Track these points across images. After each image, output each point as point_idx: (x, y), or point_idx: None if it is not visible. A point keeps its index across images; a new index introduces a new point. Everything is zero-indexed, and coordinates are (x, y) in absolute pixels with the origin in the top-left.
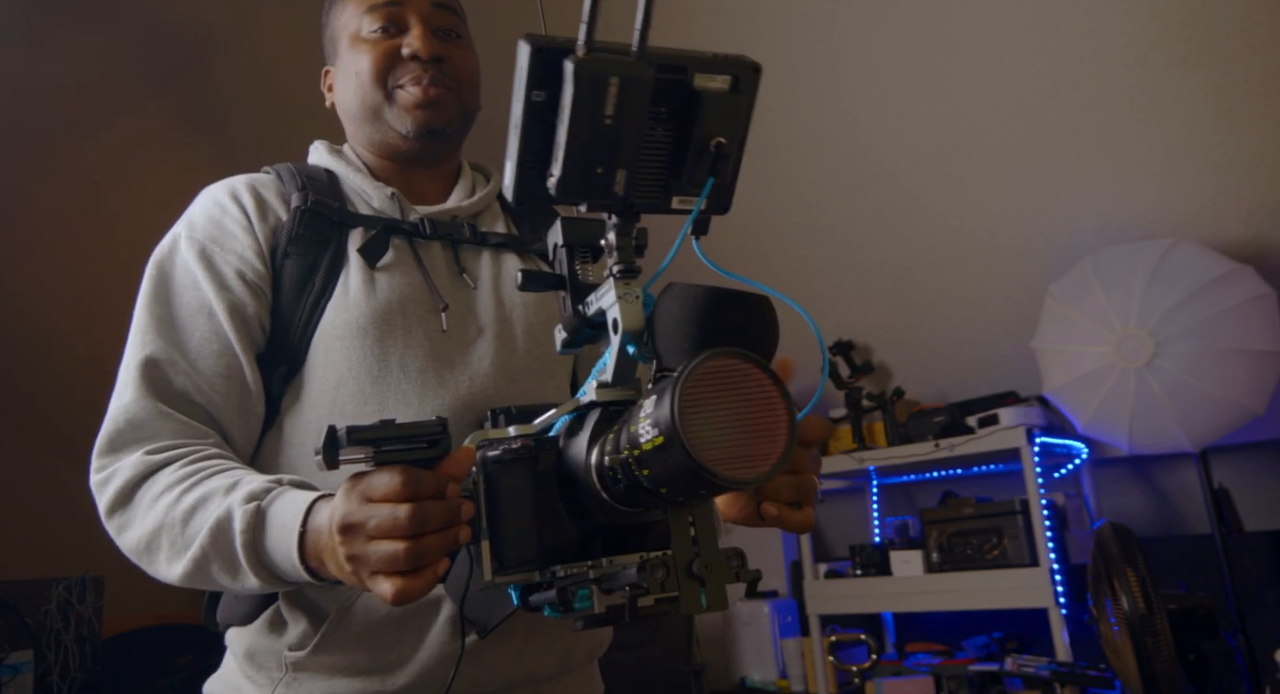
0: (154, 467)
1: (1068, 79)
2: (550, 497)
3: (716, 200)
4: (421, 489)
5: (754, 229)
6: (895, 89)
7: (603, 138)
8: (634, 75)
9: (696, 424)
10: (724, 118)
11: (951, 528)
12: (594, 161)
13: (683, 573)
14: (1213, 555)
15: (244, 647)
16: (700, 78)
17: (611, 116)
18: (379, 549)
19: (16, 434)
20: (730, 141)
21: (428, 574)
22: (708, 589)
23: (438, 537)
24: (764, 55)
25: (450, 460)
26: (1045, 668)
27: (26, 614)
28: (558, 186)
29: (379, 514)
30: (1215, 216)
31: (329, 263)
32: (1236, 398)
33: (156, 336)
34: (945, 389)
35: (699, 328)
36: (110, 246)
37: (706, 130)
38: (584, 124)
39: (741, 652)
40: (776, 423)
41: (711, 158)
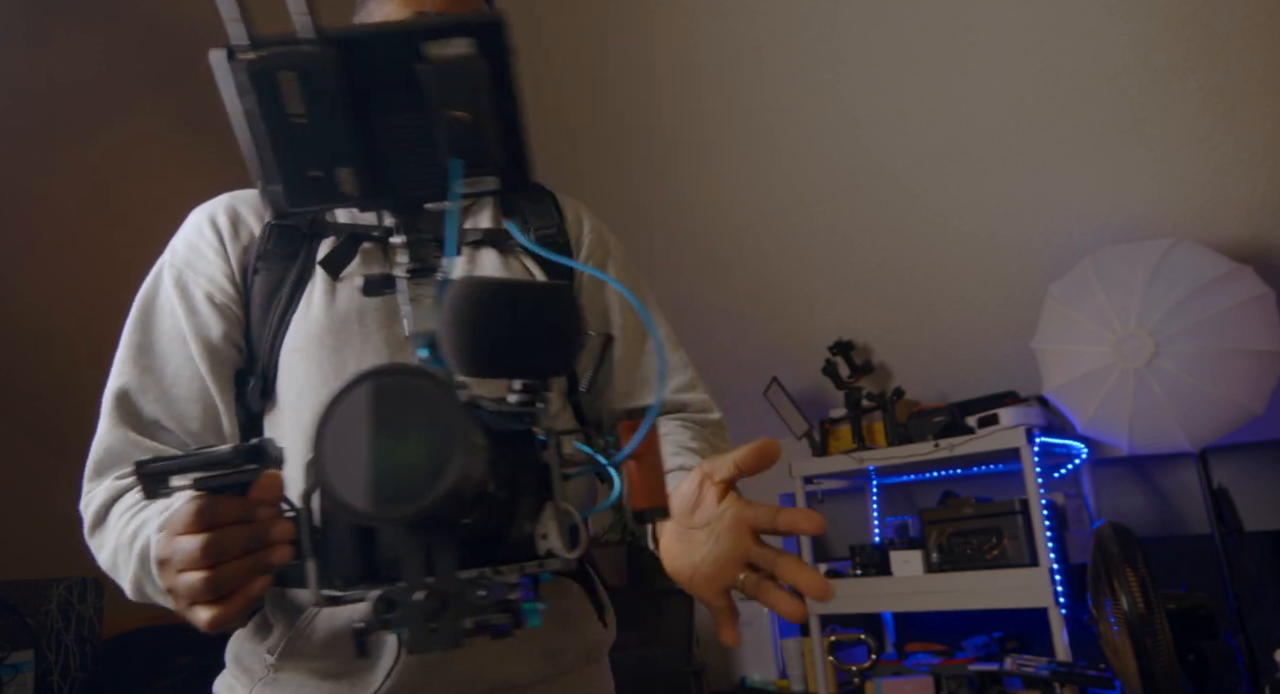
0: (121, 491)
1: (1068, 79)
2: None
3: (510, 176)
4: (216, 516)
5: (754, 229)
6: (895, 89)
7: (303, 139)
8: (312, 65)
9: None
10: (459, 86)
11: (951, 528)
12: (304, 166)
13: (412, 606)
14: (1213, 555)
15: (234, 649)
16: (433, 48)
17: (302, 115)
18: (183, 581)
19: (17, 434)
20: (478, 113)
21: (236, 599)
22: (440, 625)
23: (240, 562)
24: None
25: (256, 485)
26: (1045, 668)
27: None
28: (283, 197)
29: (179, 548)
30: (1215, 216)
31: (296, 276)
32: (1236, 398)
33: (132, 365)
34: (945, 389)
35: (461, 330)
36: (110, 247)
37: (442, 105)
38: (275, 129)
39: (741, 652)
40: (449, 447)
41: (454, 136)
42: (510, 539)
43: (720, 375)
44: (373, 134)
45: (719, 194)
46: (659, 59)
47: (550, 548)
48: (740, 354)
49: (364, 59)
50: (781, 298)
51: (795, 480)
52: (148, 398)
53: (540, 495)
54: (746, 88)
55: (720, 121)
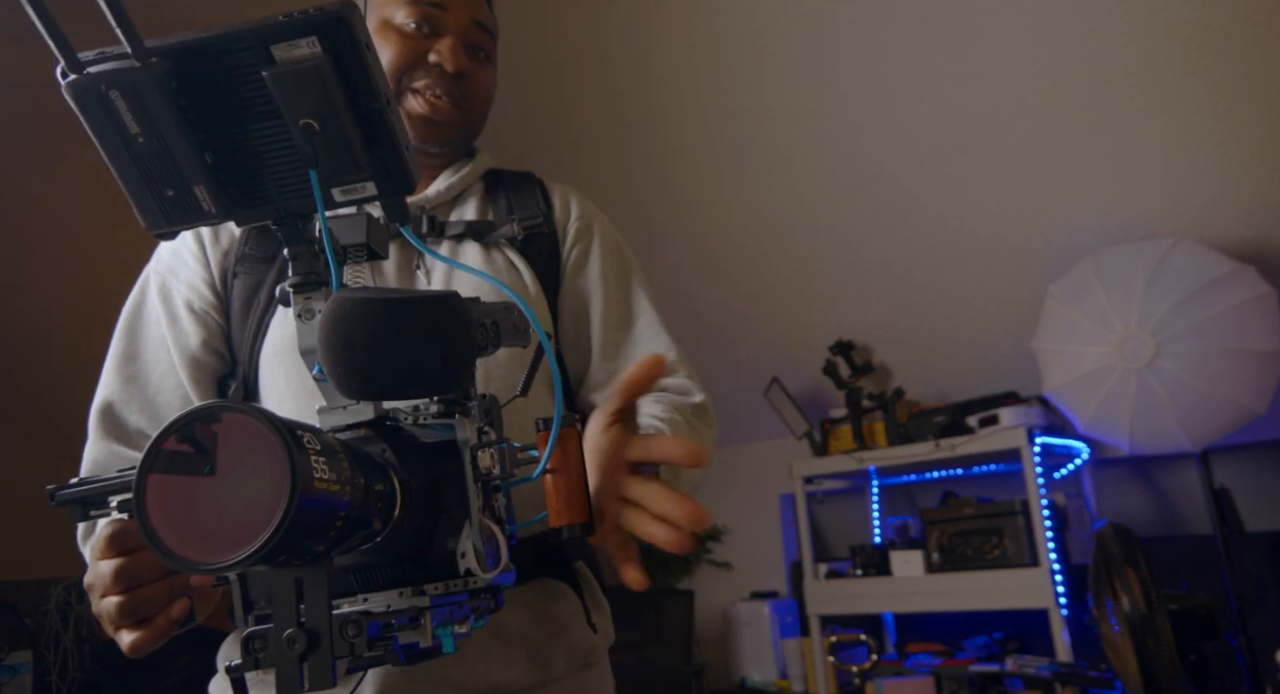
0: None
1: (1068, 79)
2: None
3: (390, 183)
4: (133, 541)
5: (754, 229)
6: (895, 89)
7: (148, 158)
8: (138, 81)
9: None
10: (303, 92)
11: (952, 528)
12: (157, 186)
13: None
14: (1213, 556)
15: (223, 653)
16: (279, 50)
17: (141, 133)
18: (104, 606)
19: (17, 434)
20: (325, 118)
21: (157, 621)
22: (309, 665)
23: (157, 586)
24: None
25: None
26: (1046, 668)
27: (26, 614)
28: (141, 219)
29: (100, 571)
30: (1216, 216)
31: (274, 279)
32: (1237, 398)
33: (116, 376)
34: (945, 389)
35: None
36: (111, 247)
37: (290, 113)
38: (117, 150)
39: (741, 652)
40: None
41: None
42: (433, 557)
43: (720, 375)
44: (234, 145)
45: (719, 194)
46: (659, 59)
47: (469, 567)
48: (740, 354)
49: (209, 68)
50: (781, 298)
51: (795, 480)
52: (131, 409)
53: (466, 509)
54: (746, 88)
55: (720, 122)
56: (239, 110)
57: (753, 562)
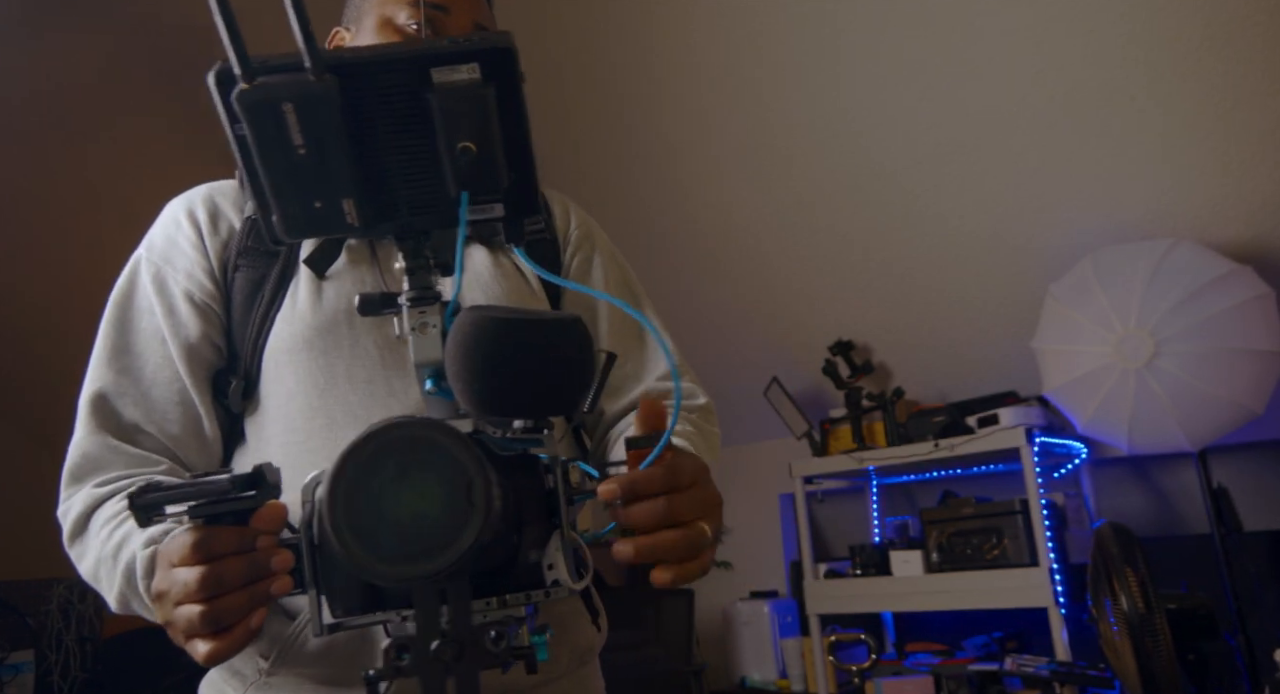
0: (100, 499)
1: (1068, 79)
2: None
3: (518, 205)
4: (214, 548)
5: (754, 229)
6: (895, 89)
7: (305, 170)
8: (312, 96)
9: (351, 513)
10: (467, 116)
11: (951, 528)
12: (307, 197)
13: (426, 656)
14: (1212, 555)
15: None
16: (439, 73)
17: (304, 145)
18: (181, 614)
19: (17, 434)
20: (483, 143)
21: (236, 631)
22: (456, 675)
23: (239, 595)
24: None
25: (257, 515)
26: (1045, 668)
27: (27, 614)
28: (281, 227)
29: (176, 580)
30: (1215, 216)
31: (278, 274)
32: (1236, 398)
33: (107, 368)
34: (945, 389)
35: (470, 366)
36: (111, 247)
37: (449, 136)
38: (274, 158)
39: (741, 652)
40: (466, 503)
41: (460, 166)
42: (517, 568)
43: (720, 375)
44: (376, 160)
45: (719, 194)
46: (659, 59)
47: (557, 578)
48: (740, 354)
49: (368, 86)
50: (781, 298)
51: (795, 480)
52: (125, 401)
53: (547, 523)
54: (746, 88)
55: (720, 122)
56: (385, 127)
57: (752, 561)
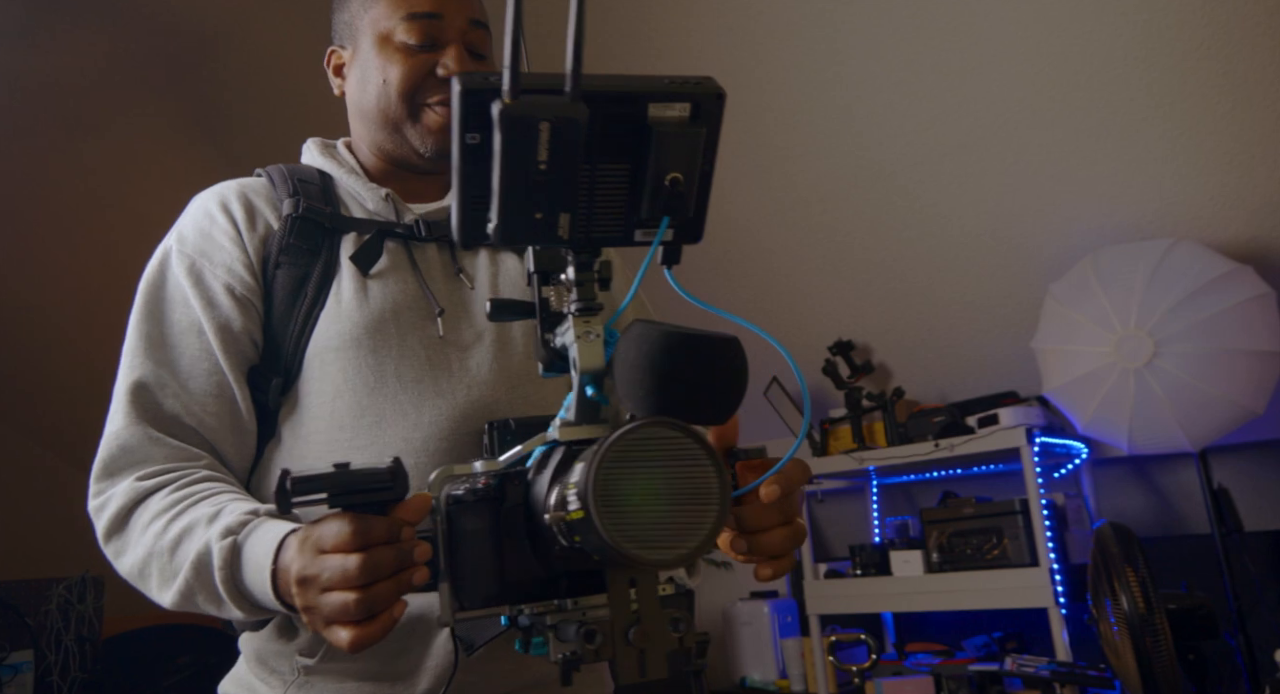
0: (144, 492)
1: (1068, 79)
2: (515, 535)
3: (686, 231)
4: (371, 536)
5: (754, 229)
6: (896, 88)
7: (539, 184)
8: (566, 118)
9: (614, 501)
10: (679, 151)
11: (951, 528)
12: (532, 208)
13: (620, 640)
14: (1213, 555)
15: (255, 650)
16: (655, 108)
17: (545, 162)
18: (330, 600)
19: (17, 434)
20: (688, 176)
21: (383, 620)
22: (647, 657)
23: (389, 583)
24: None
25: (404, 506)
26: (1045, 668)
27: (27, 614)
28: (497, 233)
29: (330, 566)
30: (1215, 216)
31: (321, 271)
32: (1236, 398)
33: (146, 358)
34: (945, 389)
35: (652, 375)
36: (110, 246)
37: (660, 167)
38: (517, 171)
39: (741, 652)
40: (705, 497)
41: (666, 195)
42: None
43: None
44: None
45: (719, 194)
46: (658, 60)
47: (674, 576)
48: None
49: (596, 113)
50: (781, 298)
51: None
52: (166, 392)
53: None
54: (746, 88)
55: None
56: (597, 150)
57: None
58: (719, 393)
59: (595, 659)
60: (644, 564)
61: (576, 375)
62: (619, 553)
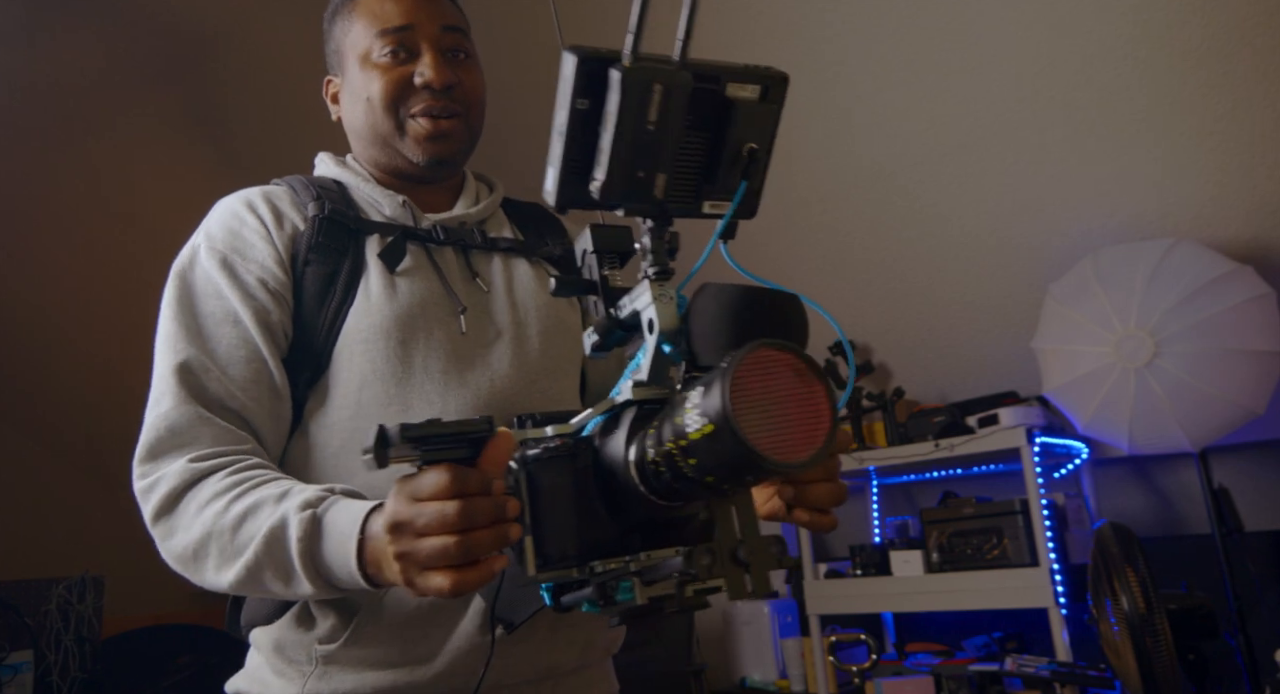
0: (200, 474)
1: (1068, 79)
2: (588, 493)
3: (745, 205)
4: (468, 486)
5: (754, 229)
6: (895, 89)
7: (646, 143)
8: (676, 82)
9: (746, 411)
10: (755, 125)
11: (951, 528)
12: (636, 166)
13: (728, 559)
14: (1213, 555)
15: (272, 641)
16: (733, 87)
17: (654, 122)
18: (429, 545)
19: (17, 434)
20: (761, 147)
21: (483, 567)
22: (753, 574)
23: (488, 532)
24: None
25: (489, 455)
26: (1045, 668)
27: (26, 614)
28: (602, 191)
29: (428, 511)
30: (1215, 216)
31: (349, 269)
32: (1236, 398)
33: (188, 343)
34: (945, 389)
35: (734, 324)
36: (111, 246)
37: (739, 137)
38: (629, 129)
39: (741, 652)
40: (819, 410)
41: (744, 163)
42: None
43: None
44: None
45: None
46: None
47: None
48: None
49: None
50: None
51: None
52: (210, 376)
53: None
54: None
55: None
56: (688, 115)
57: None
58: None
59: (706, 576)
60: (776, 468)
61: (653, 337)
62: (757, 455)
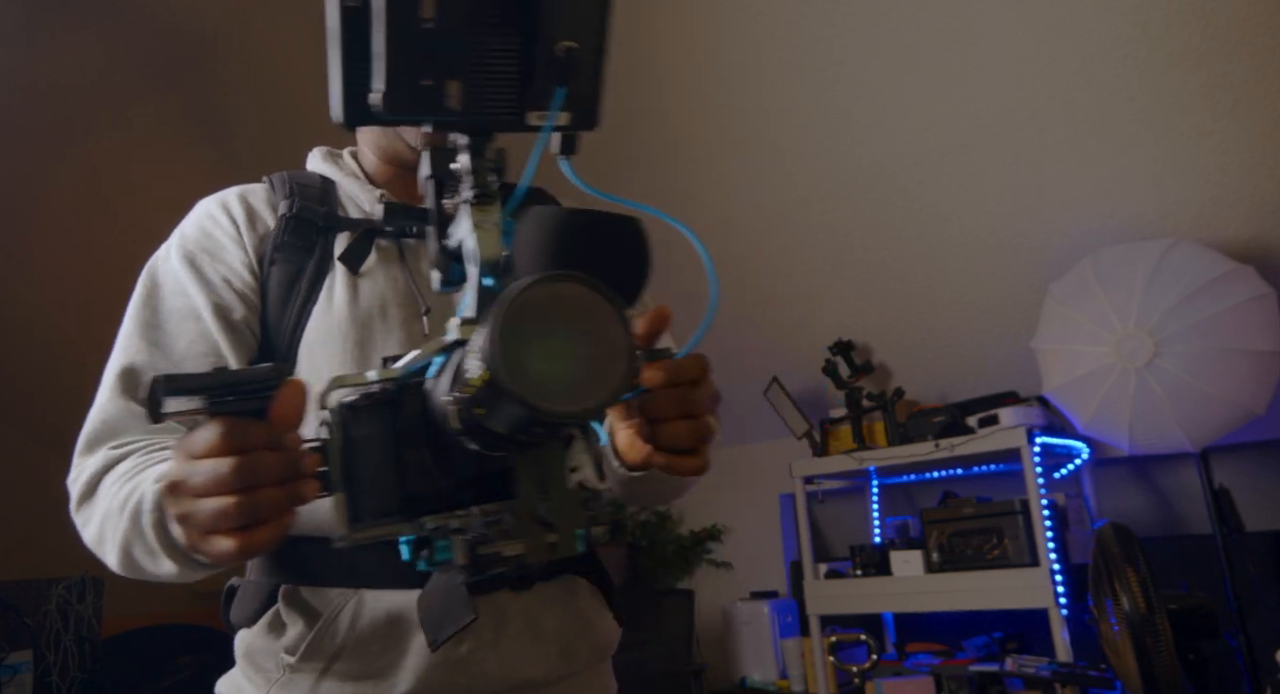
0: (114, 461)
1: (1068, 79)
2: (414, 443)
3: (581, 115)
4: (249, 440)
5: (754, 229)
6: (895, 89)
7: (425, 44)
8: None
9: (520, 354)
10: (573, 17)
11: (952, 528)
12: (419, 72)
13: (528, 518)
14: (1213, 555)
15: (245, 647)
16: None
17: (431, 19)
18: (207, 506)
19: (17, 434)
20: (583, 44)
21: (271, 528)
22: (557, 535)
23: (275, 490)
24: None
25: (278, 406)
26: (1046, 668)
27: (26, 614)
28: (384, 102)
29: (202, 469)
30: (1215, 216)
31: (314, 268)
32: (1236, 398)
33: (140, 341)
34: (945, 389)
35: (554, 254)
36: (110, 246)
37: (552, 33)
38: (401, 29)
39: (741, 652)
40: (613, 349)
41: (561, 64)
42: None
43: (720, 375)
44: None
45: (719, 194)
46: (658, 60)
47: (582, 479)
48: (740, 354)
49: None
50: (781, 298)
51: (795, 480)
52: (156, 372)
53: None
54: (746, 88)
55: (720, 122)
56: (487, 19)
57: (752, 561)
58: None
59: (503, 539)
60: (559, 418)
61: (474, 269)
62: (529, 405)
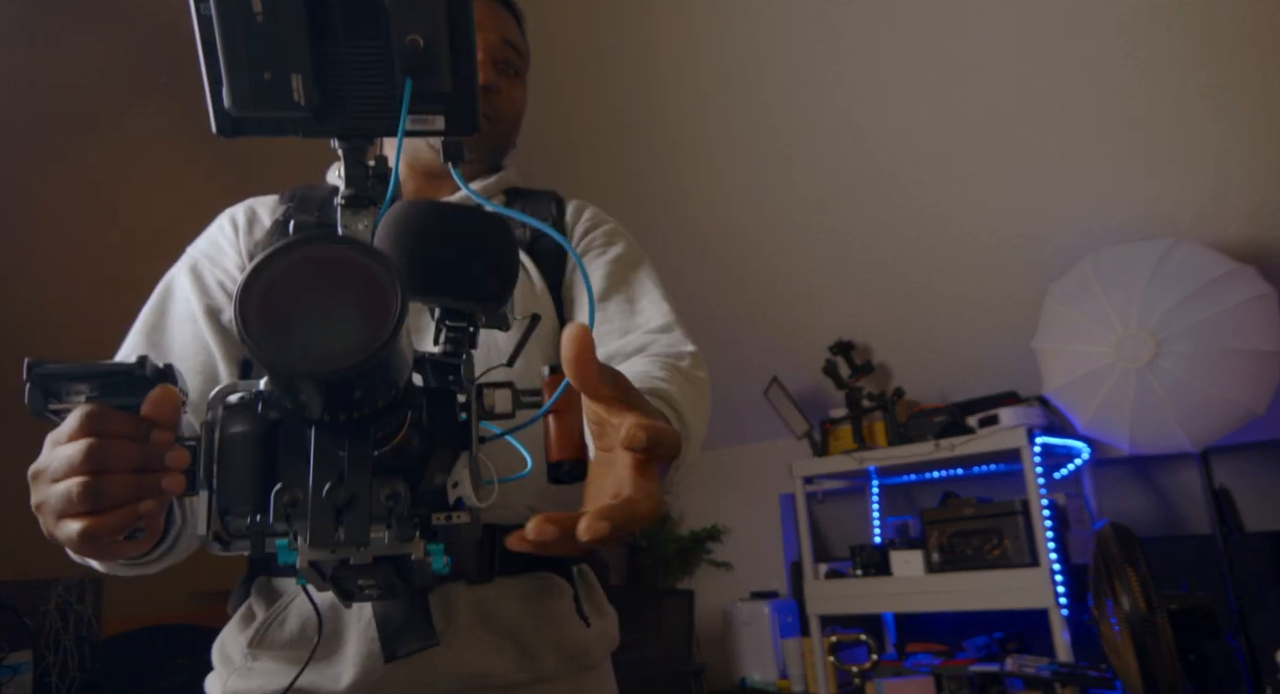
0: None
1: (1068, 79)
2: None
3: (459, 121)
4: (107, 426)
5: (755, 229)
6: (896, 89)
7: (258, 38)
8: None
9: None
10: (421, 11)
11: (952, 528)
12: (258, 67)
13: (314, 502)
14: (1213, 555)
15: (219, 639)
16: None
17: (261, 14)
18: (55, 490)
19: (17, 434)
20: (432, 39)
21: (120, 513)
22: (346, 521)
23: (126, 476)
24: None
25: (149, 401)
26: (1046, 668)
27: (25, 614)
28: (231, 100)
29: (59, 454)
30: (1215, 216)
31: None
32: (1237, 398)
33: (142, 341)
34: (945, 389)
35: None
36: (111, 246)
37: (400, 29)
38: (232, 25)
39: (741, 652)
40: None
41: (405, 58)
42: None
43: (720, 375)
44: (332, 54)
45: (720, 194)
46: (659, 60)
47: (461, 496)
48: (740, 354)
49: None
50: (781, 298)
51: (795, 480)
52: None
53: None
54: (747, 88)
55: (721, 122)
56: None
57: (752, 561)
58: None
59: (285, 521)
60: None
61: None
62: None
